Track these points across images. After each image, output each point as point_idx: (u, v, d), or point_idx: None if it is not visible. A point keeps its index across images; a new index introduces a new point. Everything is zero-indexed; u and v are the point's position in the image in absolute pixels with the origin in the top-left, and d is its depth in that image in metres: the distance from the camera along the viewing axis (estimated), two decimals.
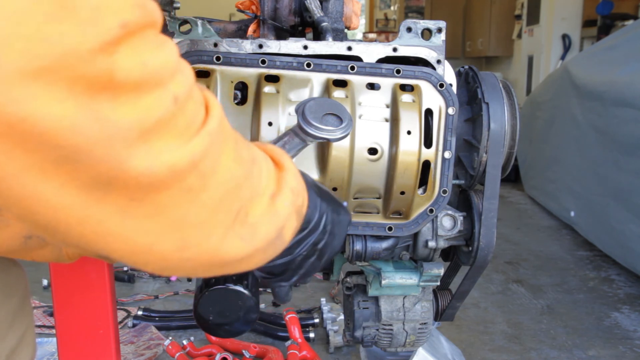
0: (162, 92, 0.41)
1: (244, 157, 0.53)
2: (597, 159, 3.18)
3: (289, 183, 0.60)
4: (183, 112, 0.43)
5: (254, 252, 0.55)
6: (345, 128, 0.98)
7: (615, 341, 2.34)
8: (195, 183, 0.45)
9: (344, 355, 2.18)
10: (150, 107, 0.40)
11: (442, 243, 1.19)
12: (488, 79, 1.18)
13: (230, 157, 0.50)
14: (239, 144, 0.53)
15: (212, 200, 0.48)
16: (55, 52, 0.35)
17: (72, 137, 0.37)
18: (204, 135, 0.45)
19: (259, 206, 0.55)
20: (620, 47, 3.24)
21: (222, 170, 0.48)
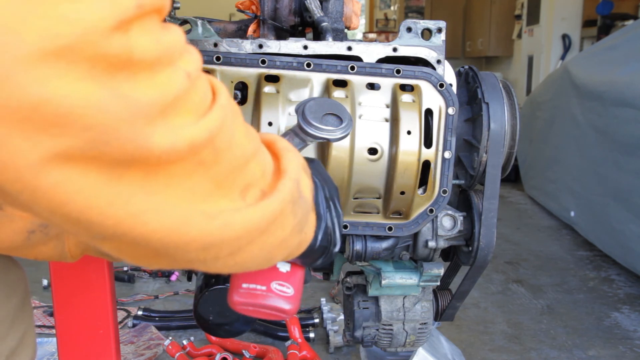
0: (176, 69, 0.42)
1: (253, 133, 0.53)
2: (597, 159, 3.18)
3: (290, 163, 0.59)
4: (196, 88, 0.44)
5: (277, 215, 0.53)
6: (345, 128, 0.98)
7: (615, 341, 2.34)
8: (209, 156, 0.45)
9: (344, 355, 2.18)
10: (167, 84, 0.41)
11: (442, 243, 1.19)
12: (488, 79, 1.18)
13: (242, 133, 0.50)
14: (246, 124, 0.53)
15: (222, 174, 0.47)
16: (75, 30, 0.35)
17: (100, 115, 0.37)
18: (218, 109, 0.45)
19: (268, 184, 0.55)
20: (620, 47, 3.24)
21: (236, 144, 0.49)
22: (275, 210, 0.53)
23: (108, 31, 0.36)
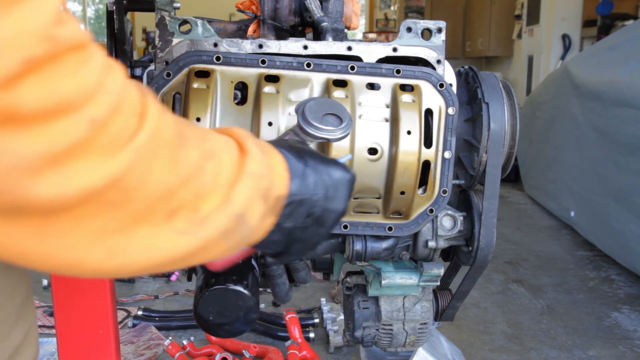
0: (76, 117, 0.41)
1: (189, 159, 0.51)
2: (597, 159, 3.18)
3: (248, 169, 0.58)
4: (104, 131, 0.43)
5: (206, 244, 0.54)
6: (345, 128, 0.98)
7: (615, 341, 2.34)
8: (117, 197, 0.45)
9: (344, 355, 2.18)
10: (61, 134, 0.40)
11: (442, 243, 1.19)
12: (488, 79, 1.18)
13: (164, 167, 0.48)
14: (182, 146, 0.51)
15: (139, 209, 0.47)
16: None
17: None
18: (128, 152, 0.44)
19: (213, 199, 0.54)
20: (620, 47, 3.24)
21: (153, 181, 0.48)
22: (201, 242, 0.53)
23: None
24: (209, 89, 1.04)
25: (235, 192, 0.56)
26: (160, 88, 1.05)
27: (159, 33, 1.06)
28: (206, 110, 1.03)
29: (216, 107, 1.05)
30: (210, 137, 0.57)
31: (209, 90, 1.04)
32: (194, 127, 0.56)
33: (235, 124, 1.05)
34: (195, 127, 0.57)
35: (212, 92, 1.04)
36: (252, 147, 0.60)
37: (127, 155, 0.44)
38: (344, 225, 1.13)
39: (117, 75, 0.45)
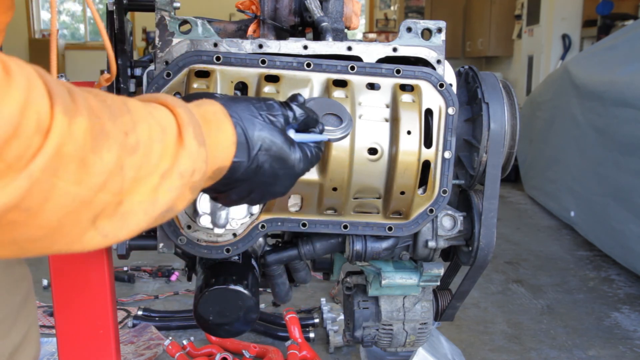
0: None
1: (104, 164, 0.49)
2: (597, 159, 3.18)
3: (180, 167, 0.56)
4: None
5: (125, 237, 0.54)
6: (345, 128, 0.98)
7: (615, 341, 2.34)
8: (20, 217, 0.44)
9: (344, 355, 2.18)
10: None
11: (442, 243, 1.19)
12: (488, 79, 1.18)
13: (71, 181, 0.47)
14: (96, 151, 0.49)
15: (49, 222, 0.46)
16: None
17: None
18: (25, 177, 0.43)
19: (140, 192, 0.53)
20: (620, 47, 3.24)
21: (58, 196, 0.46)
22: (127, 237, 0.54)
23: None
24: (208, 89, 1.04)
25: (161, 189, 0.55)
26: (160, 88, 1.05)
27: (159, 33, 1.06)
28: None
29: None
30: (140, 126, 0.54)
31: (208, 90, 1.04)
32: (121, 115, 0.53)
33: None
34: (125, 113, 0.53)
35: (212, 92, 1.04)
36: (189, 141, 0.58)
37: (23, 181, 0.43)
38: (344, 225, 1.13)
39: (16, 94, 0.42)
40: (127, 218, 0.52)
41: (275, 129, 0.71)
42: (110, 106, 0.52)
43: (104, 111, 0.50)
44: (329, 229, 1.13)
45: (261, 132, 0.69)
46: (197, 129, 0.59)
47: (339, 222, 1.13)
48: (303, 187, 1.09)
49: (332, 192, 1.08)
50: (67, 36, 12.22)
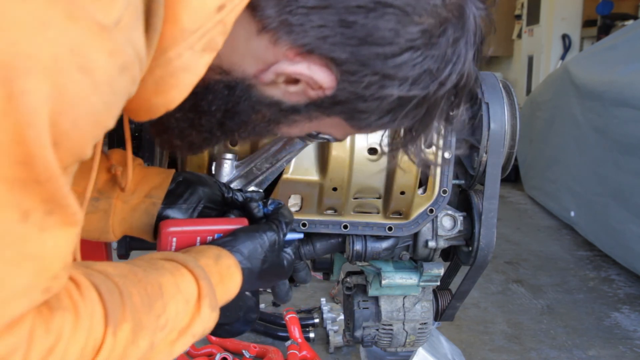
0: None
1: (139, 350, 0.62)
2: (597, 159, 3.18)
3: (193, 329, 0.70)
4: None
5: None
6: None
7: (615, 341, 2.34)
8: None
9: (344, 355, 2.18)
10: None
11: (442, 243, 1.19)
12: (488, 79, 1.18)
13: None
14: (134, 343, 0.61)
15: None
16: None
17: None
18: None
19: (162, 343, 0.66)
20: (620, 47, 3.24)
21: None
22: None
23: None
24: None
25: (177, 345, 0.68)
26: None
27: None
28: None
29: None
30: (169, 306, 0.67)
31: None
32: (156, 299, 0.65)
33: None
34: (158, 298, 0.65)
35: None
36: (204, 310, 0.71)
37: None
38: (344, 225, 1.13)
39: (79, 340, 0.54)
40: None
41: (277, 259, 0.86)
42: (150, 294, 0.64)
43: (144, 304, 0.63)
44: (329, 229, 1.13)
45: (265, 268, 0.84)
46: (212, 299, 0.73)
47: (339, 222, 1.13)
48: (303, 187, 1.09)
49: (332, 192, 1.08)
50: None
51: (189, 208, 0.91)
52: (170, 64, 0.58)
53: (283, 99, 0.68)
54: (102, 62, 0.49)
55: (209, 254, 0.78)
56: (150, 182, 0.90)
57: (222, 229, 0.86)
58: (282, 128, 0.73)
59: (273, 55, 0.63)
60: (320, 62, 0.62)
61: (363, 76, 0.62)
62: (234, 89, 0.67)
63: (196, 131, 0.73)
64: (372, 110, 0.66)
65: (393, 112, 0.66)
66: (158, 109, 0.63)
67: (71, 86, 0.47)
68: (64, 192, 0.50)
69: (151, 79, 0.59)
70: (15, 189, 0.46)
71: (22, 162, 0.46)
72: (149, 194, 0.89)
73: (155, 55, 0.57)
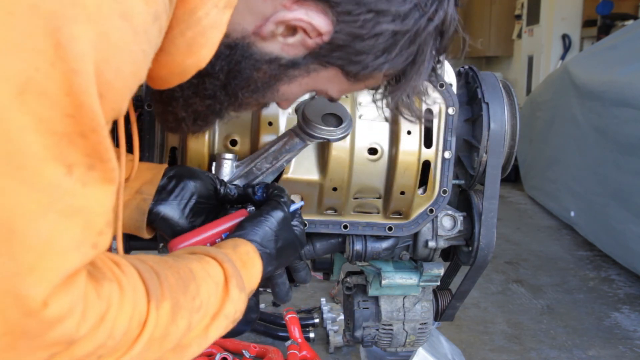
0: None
1: (179, 330, 0.63)
2: (597, 159, 3.18)
3: (225, 310, 0.71)
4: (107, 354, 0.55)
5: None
6: (345, 128, 0.98)
7: (615, 341, 2.34)
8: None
9: (344, 355, 2.18)
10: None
11: (442, 243, 1.19)
12: (488, 79, 1.18)
13: (156, 351, 0.61)
14: (174, 322, 0.62)
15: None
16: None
17: None
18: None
19: (197, 329, 0.68)
20: (620, 47, 3.24)
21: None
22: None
23: None
24: None
25: (211, 329, 0.70)
26: None
27: None
28: None
29: None
30: (202, 288, 0.68)
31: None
32: (190, 282, 0.67)
33: (235, 124, 1.05)
34: (191, 281, 0.67)
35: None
36: (233, 290, 0.73)
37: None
38: (344, 225, 1.13)
39: (127, 311, 0.56)
40: (185, 351, 0.66)
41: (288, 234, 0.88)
42: (183, 278, 0.66)
43: (179, 286, 0.65)
44: (329, 229, 1.13)
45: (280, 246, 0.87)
46: (239, 279, 0.74)
47: (339, 222, 1.13)
48: (303, 187, 1.09)
49: (332, 192, 1.08)
50: None
51: (180, 203, 0.91)
52: (199, 24, 0.61)
53: (282, 53, 0.70)
54: (140, 8, 0.50)
55: (226, 246, 0.80)
56: (141, 177, 0.90)
57: (227, 227, 0.88)
58: (282, 86, 0.74)
59: (271, 6, 0.65)
60: (316, 7, 0.65)
61: (358, 15, 0.66)
62: (235, 48, 0.68)
63: (200, 97, 0.74)
64: (368, 49, 0.69)
65: (388, 51, 0.69)
66: (190, 69, 0.65)
67: (114, 33, 0.48)
68: (106, 145, 0.50)
69: (183, 41, 0.61)
70: (62, 142, 0.47)
71: (70, 115, 0.46)
72: (140, 190, 0.89)
73: (185, 17, 0.59)
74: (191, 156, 1.05)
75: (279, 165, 1.02)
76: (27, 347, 0.48)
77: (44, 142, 0.46)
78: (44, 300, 0.47)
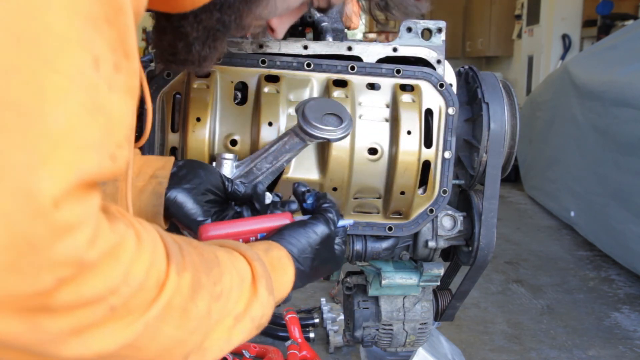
0: (98, 306, 0.48)
1: (199, 311, 0.59)
2: (597, 159, 3.18)
3: (252, 312, 0.66)
4: (122, 309, 0.50)
5: None
6: (345, 128, 0.98)
7: (615, 341, 2.34)
8: (129, 352, 0.52)
9: (344, 355, 2.18)
10: (84, 317, 0.47)
11: (442, 243, 1.19)
12: (488, 79, 1.18)
13: (173, 326, 0.56)
14: (194, 300, 0.58)
15: (150, 356, 0.55)
16: (7, 292, 0.43)
17: (14, 342, 0.46)
18: (142, 322, 0.52)
19: (218, 330, 0.63)
20: (620, 47, 3.24)
21: (161, 338, 0.55)
22: None
23: (30, 298, 0.44)
24: (209, 88, 1.04)
25: (235, 332, 0.65)
26: (160, 88, 1.05)
27: None
28: (206, 110, 1.04)
29: (216, 107, 1.05)
30: (224, 276, 0.63)
31: (209, 90, 1.04)
32: (210, 268, 0.62)
33: (235, 124, 1.05)
34: (214, 265, 0.63)
35: (213, 92, 1.04)
36: (262, 291, 0.68)
37: (140, 325, 0.52)
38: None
39: (144, 260, 0.51)
40: (206, 353, 0.62)
41: (328, 254, 0.83)
42: (206, 260, 0.62)
43: (202, 265, 0.60)
44: None
45: (316, 265, 0.81)
46: (269, 281, 0.70)
47: None
48: None
49: (332, 192, 1.08)
50: None
51: (193, 190, 0.89)
52: None
53: None
54: None
55: (258, 247, 0.75)
56: (152, 165, 0.89)
57: (264, 227, 0.82)
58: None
59: None
60: None
61: None
62: None
63: (208, 12, 0.74)
64: None
65: None
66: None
67: None
68: (131, 35, 0.48)
69: None
70: (88, 26, 0.44)
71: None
72: (154, 175, 0.88)
73: None
74: (191, 156, 1.05)
75: (279, 165, 1.02)
76: (31, 266, 0.43)
77: (69, 21, 0.43)
78: (55, 199, 0.42)
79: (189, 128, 1.03)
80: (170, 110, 1.06)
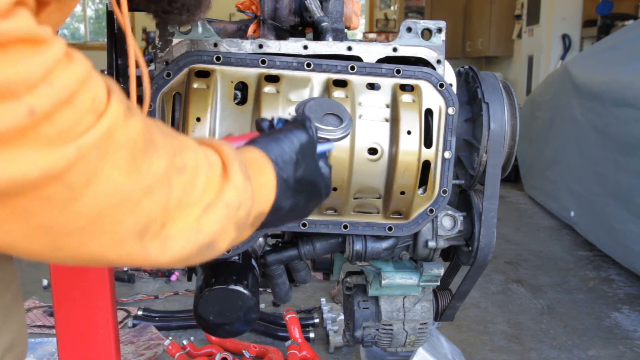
0: (12, 104, 0.41)
1: (152, 168, 0.50)
2: (597, 159, 3.18)
3: (225, 198, 0.58)
4: (47, 123, 0.42)
5: (166, 263, 0.54)
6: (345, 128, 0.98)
7: (615, 341, 2.34)
8: (59, 193, 0.44)
9: (344, 355, 2.18)
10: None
11: (442, 243, 1.19)
12: (488, 79, 1.18)
13: (120, 170, 0.47)
14: (145, 154, 0.50)
15: (90, 210, 0.46)
16: None
17: None
18: (73, 147, 0.44)
19: (184, 219, 0.54)
20: (620, 47, 3.24)
21: (103, 182, 0.46)
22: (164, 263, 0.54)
23: None
24: (209, 88, 1.04)
25: (206, 219, 0.56)
26: (160, 88, 1.05)
27: (159, 33, 1.06)
28: (206, 110, 1.04)
29: (216, 107, 1.05)
30: (187, 152, 0.56)
31: (209, 90, 1.04)
32: (171, 138, 0.55)
33: (235, 124, 1.05)
34: (175, 138, 0.55)
35: (212, 92, 1.04)
36: (235, 174, 0.59)
37: (71, 152, 0.44)
38: (344, 225, 1.13)
39: (75, 70, 0.44)
40: (169, 242, 0.53)
41: (312, 167, 0.74)
42: (161, 127, 0.54)
43: (156, 128, 0.53)
44: (329, 229, 1.13)
45: (300, 177, 0.71)
46: (242, 165, 0.61)
47: (339, 222, 1.13)
48: None
49: (332, 192, 1.08)
50: (67, 36, 12.23)
51: None
52: None
53: None
54: None
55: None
56: None
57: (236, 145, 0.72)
58: None
59: None
60: None
61: None
62: None
63: None
64: None
65: None
66: None
67: None
68: None
69: None
70: None
71: None
72: None
73: None
74: None
75: None
76: None
77: None
78: None
79: (189, 128, 1.03)
80: (170, 110, 1.06)
